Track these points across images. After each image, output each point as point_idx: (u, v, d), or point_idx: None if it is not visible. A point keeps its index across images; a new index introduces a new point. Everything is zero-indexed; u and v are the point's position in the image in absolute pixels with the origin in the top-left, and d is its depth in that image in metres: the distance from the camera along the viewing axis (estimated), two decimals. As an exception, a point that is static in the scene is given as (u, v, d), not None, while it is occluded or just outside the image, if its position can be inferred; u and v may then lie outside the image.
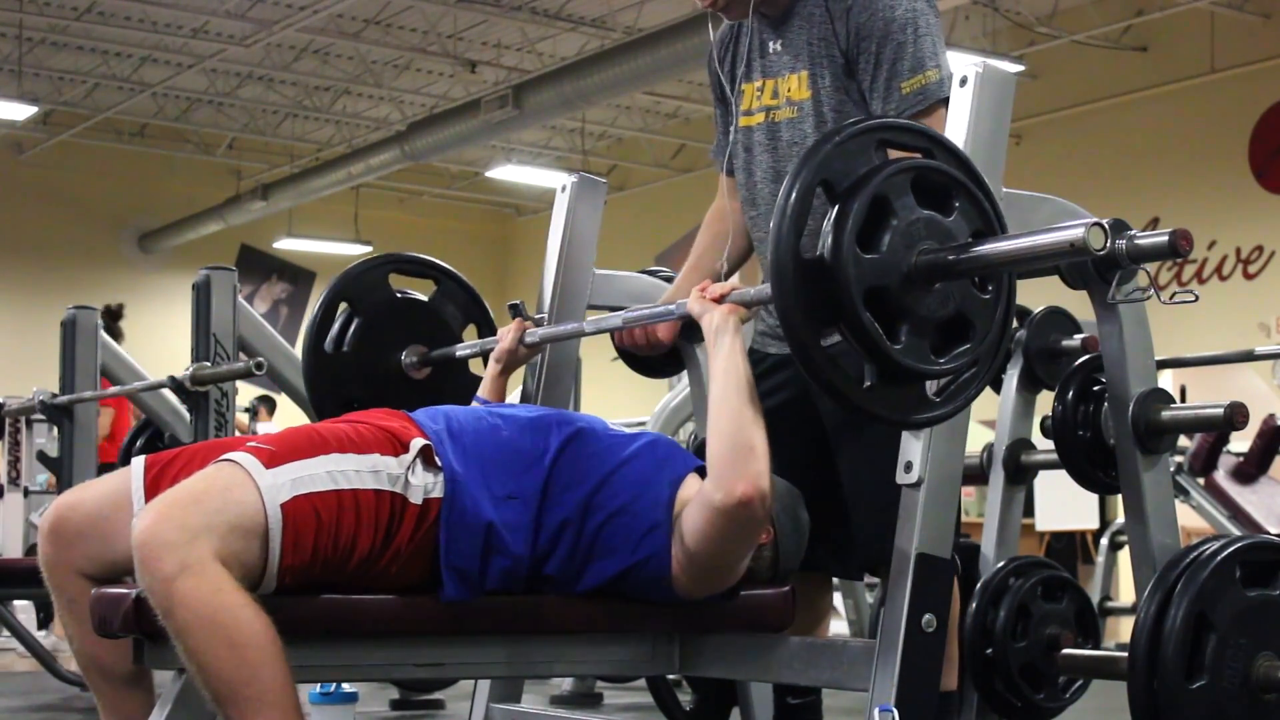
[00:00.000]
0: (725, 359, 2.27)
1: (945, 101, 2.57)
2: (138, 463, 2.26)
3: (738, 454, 2.20)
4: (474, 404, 2.73)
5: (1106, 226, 1.87)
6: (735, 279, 2.54)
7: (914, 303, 1.97)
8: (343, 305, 3.06)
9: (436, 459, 2.19)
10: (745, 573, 2.40)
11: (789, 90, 2.68)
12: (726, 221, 2.88)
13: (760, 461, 2.20)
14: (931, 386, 2.05)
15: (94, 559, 2.21)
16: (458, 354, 3.02)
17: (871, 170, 1.99)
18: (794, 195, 1.97)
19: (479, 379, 2.94)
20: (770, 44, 2.73)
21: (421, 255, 3.14)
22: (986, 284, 2.03)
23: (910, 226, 1.97)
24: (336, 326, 3.06)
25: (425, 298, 3.11)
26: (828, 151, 2.00)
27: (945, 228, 1.99)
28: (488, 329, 3.11)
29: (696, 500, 2.23)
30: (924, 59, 2.58)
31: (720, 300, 2.33)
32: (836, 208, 1.96)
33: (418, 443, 2.19)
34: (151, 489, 2.19)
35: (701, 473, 2.31)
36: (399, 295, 3.08)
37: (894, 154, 2.05)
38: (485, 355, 2.92)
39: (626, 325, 2.61)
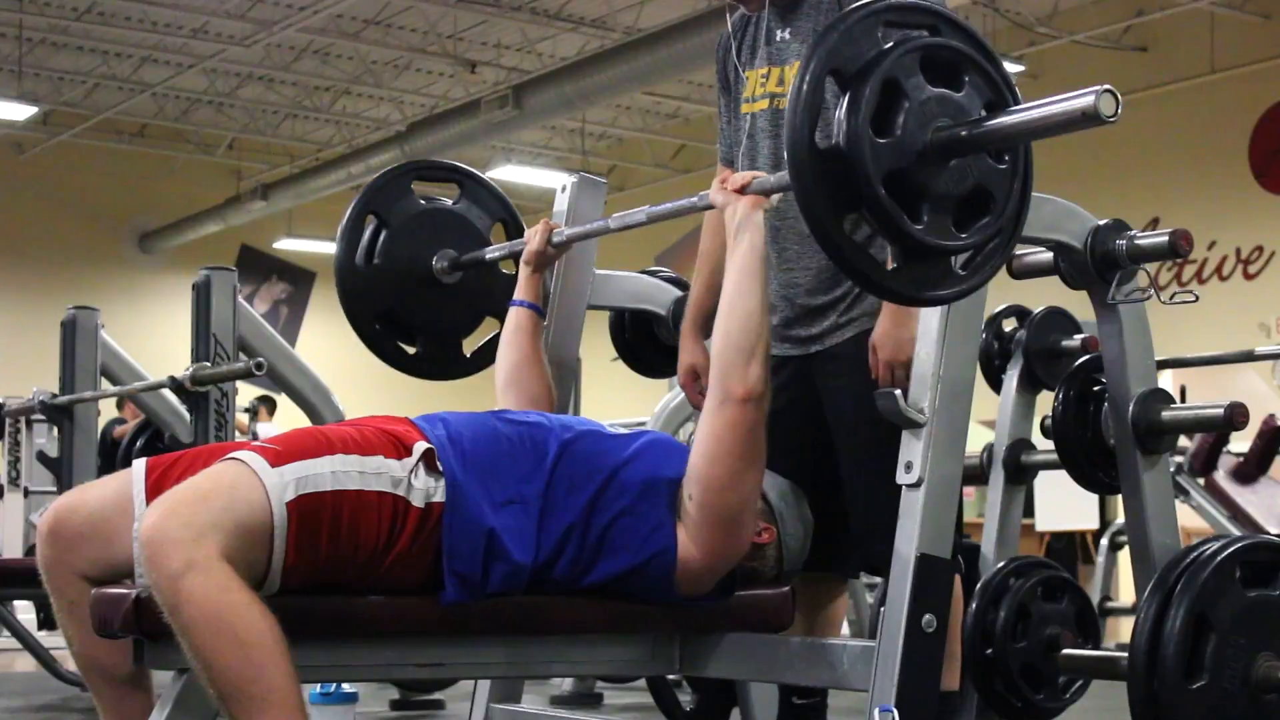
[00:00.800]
0: (744, 256, 2.30)
1: None
2: (139, 465, 2.26)
3: (741, 355, 2.26)
4: (511, 307, 2.81)
5: (1117, 94, 1.86)
6: (754, 171, 2.52)
7: (932, 180, 1.97)
8: (370, 218, 3.08)
9: (438, 464, 2.19)
10: (749, 573, 2.40)
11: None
12: None
13: (760, 365, 2.26)
14: (956, 262, 2.05)
15: (94, 561, 2.20)
16: (487, 257, 3.04)
17: (880, 54, 1.98)
18: (805, 86, 1.97)
19: (511, 278, 2.96)
20: (778, 32, 2.74)
21: (442, 160, 3.16)
22: (1003, 155, 2.03)
23: (923, 106, 1.97)
24: (365, 239, 3.07)
25: (450, 202, 3.13)
26: (834, 40, 1.99)
27: (957, 103, 1.99)
28: (515, 228, 3.13)
29: (702, 417, 2.28)
30: None
31: (743, 191, 2.33)
32: (848, 94, 1.96)
33: (420, 446, 2.19)
34: (153, 492, 2.18)
35: None
36: (424, 202, 3.10)
37: None
38: (515, 256, 2.94)
39: (650, 219, 2.61)
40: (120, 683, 2.28)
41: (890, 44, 1.99)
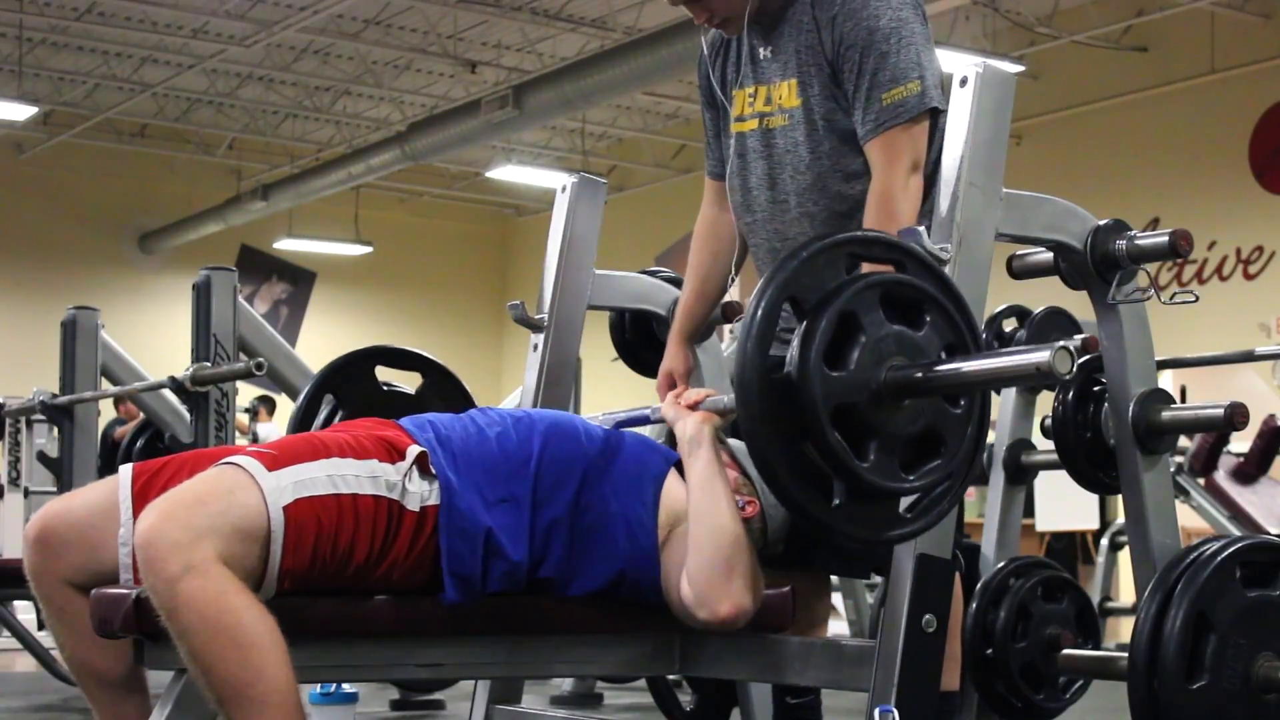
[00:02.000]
0: (703, 470, 2.27)
1: (932, 111, 2.56)
2: (125, 471, 2.24)
3: (717, 573, 2.21)
4: None
5: (1073, 349, 1.85)
6: (706, 389, 2.53)
7: (883, 420, 1.95)
8: (327, 397, 3.03)
9: (431, 467, 2.19)
10: None
11: (780, 97, 2.67)
12: (720, 237, 2.88)
13: (741, 579, 2.21)
14: (905, 502, 2.03)
15: (81, 568, 2.19)
16: None
17: (839, 286, 1.97)
18: (759, 313, 1.96)
19: None
20: (761, 50, 2.72)
21: (405, 348, 3.11)
22: (958, 398, 2.01)
23: (879, 343, 1.95)
24: (321, 419, 3.02)
25: (411, 391, 3.08)
26: (794, 268, 1.98)
27: (915, 342, 1.97)
28: None
29: (679, 601, 2.24)
30: (906, 70, 2.54)
31: (694, 407, 2.34)
32: (804, 325, 1.95)
33: (414, 450, 2.19)
34: (139, 498, 2.17)
35: (679, 467, 2.33)
36: (385, 388, 3.05)
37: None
38: None
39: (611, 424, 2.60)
40: (114, 686, 2.26)
41: (850, 277, 1.98)
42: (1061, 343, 1.86)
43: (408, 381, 3.12)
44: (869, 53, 2.54)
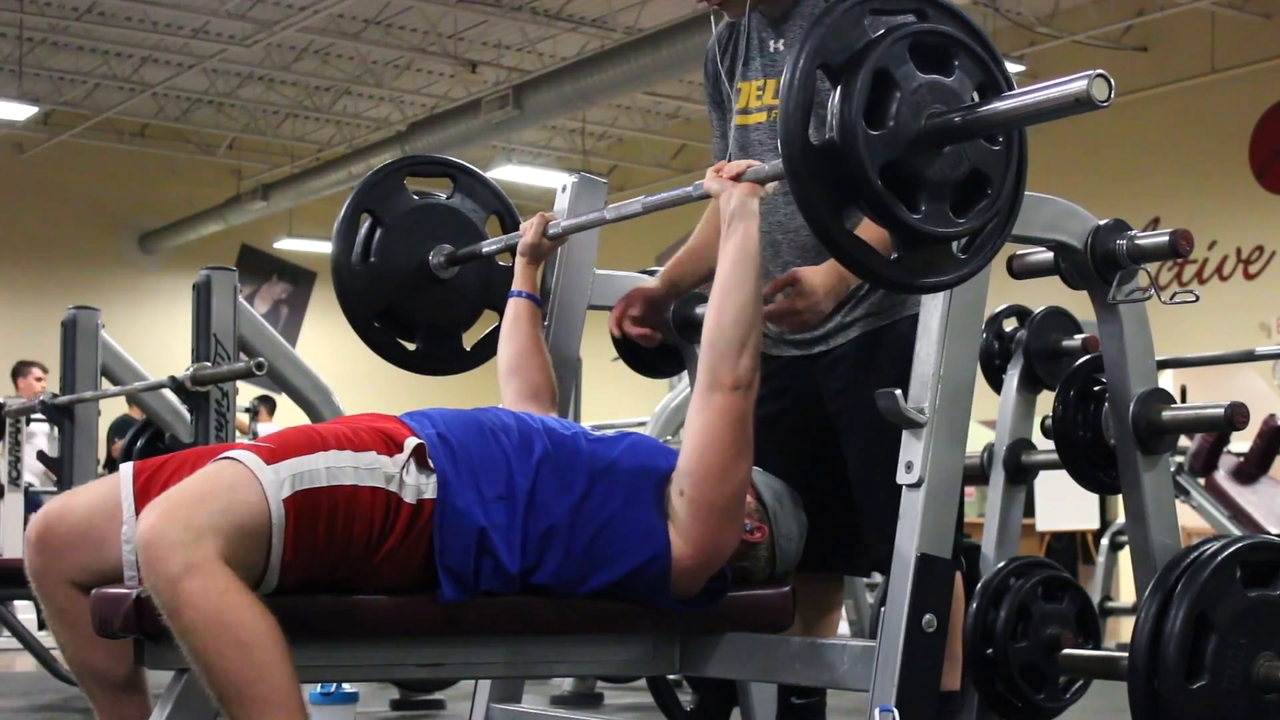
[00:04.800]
0: (738, 244, 2.29)
1: None
2: (126, 469, 2.24)
3: (732, 346, 2.26)
4: (510, 298, 2.81)
5: (1110, 79, 1.85)
6: (748, 160, 2.51)
7: (928, 168, 1.97)
8: (364, 216, 3.07)
9: (429, 460, 2.19)
10: (740, 573, 2.40)
11: None
12: None
13: (750, 358, 2.26)
14: (956, 247, 2.06)
15: (83, 568, 2.19)
16: (483, 250, 3.03)
17: (868, 44, 1.97)
18: (795, 82, 1.96)
19: (509, 271, 2.95)
20: (771, 43, 2.71)
21: (434, 155, 3.15)
22: (996, 138, 2.02)
23: (914, 94, 1.96)
24: (361, 237, 3.06)
25: (444, 197, 3.12)
26: (821, 33, 1.98)
27: (949, 88, 1.99)
28: (510, 221, 3.13)
29: (691, 409, 2.29)
30: None
31: (737, 179, 2.32)
32: (839, 88, 1.96)
33: (411, 442, 2.19)
34: (141, 495, 2.17)
35: None
36: (418, 198, 3.09)
37: None
38: (511, 249, 2.94)
39: (646, 210, 2.59)
40: (115, 687, 2.27)
41: (878, 33, 1.98)
42: (1098, 70, 1.85)
43: (439, 188, 3.15)
44: None
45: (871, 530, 2.63)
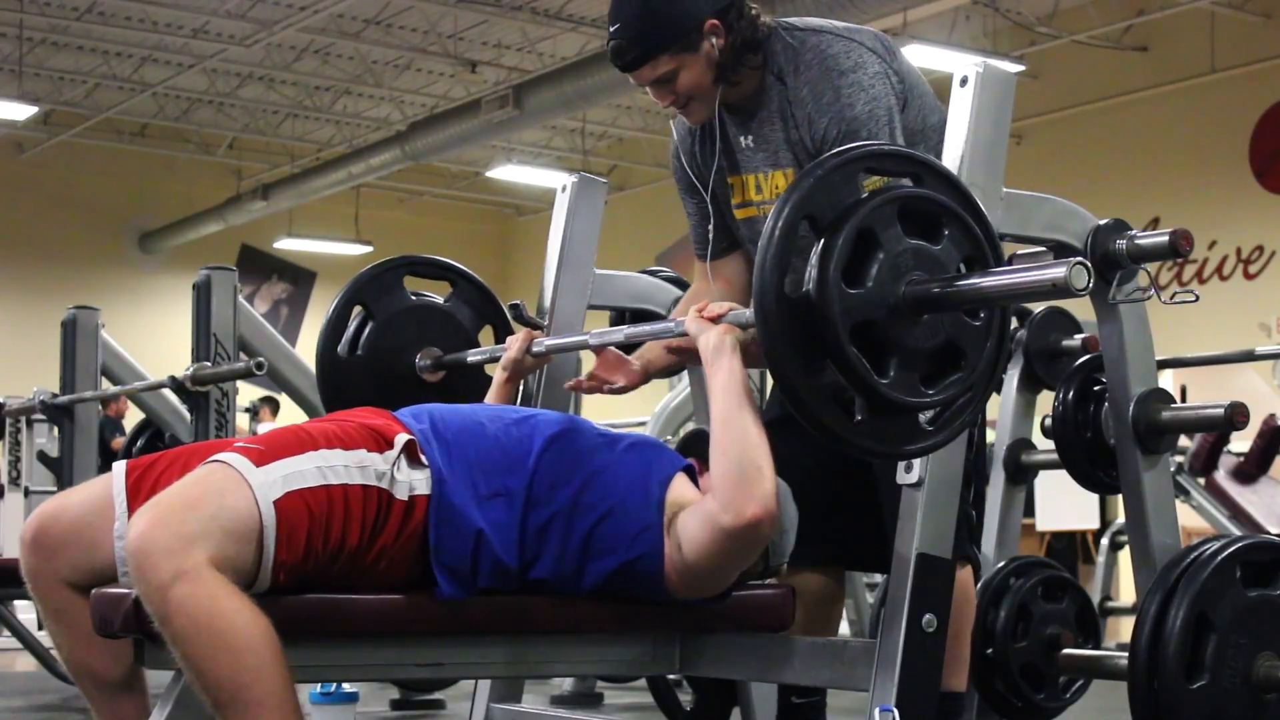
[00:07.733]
0: (725, 378, 2.25)
1: None
2: (118, 468, 2.24)
3: (745, 476, 2.18)
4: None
5: (1089, 267, 1.84)
6: (728, 303, 2.50)
7: (903, 334, 1.94)
8: (356, 308, 3.05)
9: (421, 455, 2.18)
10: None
11: (776, 186, 2.65)
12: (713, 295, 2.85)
13: (768, 482, 2.18)
14: (925, 416, 2.02)
15: (79, 568, 2.19)
16: (469, 360, 3.00)
17: (856, 202, 1.96)
18: (777, 233, 1.95)
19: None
20: (741, 139, 2.68)
21: (436, 257, 3.13)
22: (977, 312, 2.00)
23: (897, 258, 1.94)
24: (351, 329, 3.04)
25: (440, 300, 3.10)
26: (810, 186, 1.97)
27: (934, 256, 1.97)
28: (504, 330, 3.10)
29: (700, 517, 2.21)
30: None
31: (717, 320, 2.33)
32: (821, 242, 1.94)
33: (401, 438, 2.18)
34: (133, 494, 2.17)
35: (688, 472, 2.32)
36: (414, 297, 3.07)
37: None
38: (498, 360, 2.92)
39: (629, 339, 2.59)
40: (112, 687, 2.26)
41: (869, 192, 1.96)
42: (1078, 259, 1.84)
43: (437, 291, 3.12)
44: (851, 141, 2.51)
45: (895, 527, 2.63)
